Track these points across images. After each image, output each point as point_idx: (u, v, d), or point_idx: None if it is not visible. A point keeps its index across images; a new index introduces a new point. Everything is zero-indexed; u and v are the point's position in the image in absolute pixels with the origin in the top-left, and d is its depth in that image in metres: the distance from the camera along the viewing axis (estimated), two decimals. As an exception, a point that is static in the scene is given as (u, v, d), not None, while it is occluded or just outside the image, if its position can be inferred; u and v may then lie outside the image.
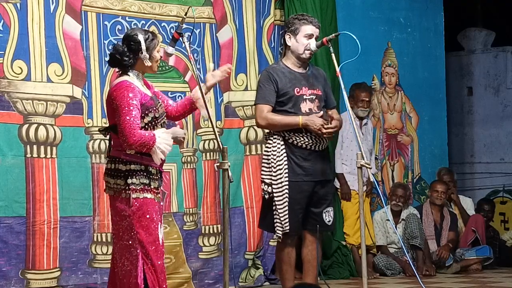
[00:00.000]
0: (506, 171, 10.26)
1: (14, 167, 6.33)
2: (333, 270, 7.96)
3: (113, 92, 4.78)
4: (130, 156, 4.78)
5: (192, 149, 7.21)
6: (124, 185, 4.77)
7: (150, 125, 4.83)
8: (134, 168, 4.78)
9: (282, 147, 5.65)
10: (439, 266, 8.39)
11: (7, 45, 6.34)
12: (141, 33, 4.87)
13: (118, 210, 4.82)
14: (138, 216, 4.76)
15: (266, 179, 5.68)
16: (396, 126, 9.12)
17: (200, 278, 7.14)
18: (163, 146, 4.78)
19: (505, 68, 10.39)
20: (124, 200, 4.78)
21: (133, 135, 4.68)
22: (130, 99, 4.72)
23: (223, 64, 7.35)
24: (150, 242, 4.78)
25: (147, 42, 4.83)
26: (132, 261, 4.78)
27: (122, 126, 4.70)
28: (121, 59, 4.82)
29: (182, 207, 7.11)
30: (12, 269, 6.29)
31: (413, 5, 9.31)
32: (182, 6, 7.10)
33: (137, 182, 4.77)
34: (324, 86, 5.85)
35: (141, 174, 4.79)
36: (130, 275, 4.78)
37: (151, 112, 4.83)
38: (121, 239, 4.83)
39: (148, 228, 4.78)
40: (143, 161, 4.80)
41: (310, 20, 5.80)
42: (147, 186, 4.79)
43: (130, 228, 4.77)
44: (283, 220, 5.59)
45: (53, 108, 6.53)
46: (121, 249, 4.84)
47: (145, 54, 4.82)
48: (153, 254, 4.79)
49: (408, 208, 8.55)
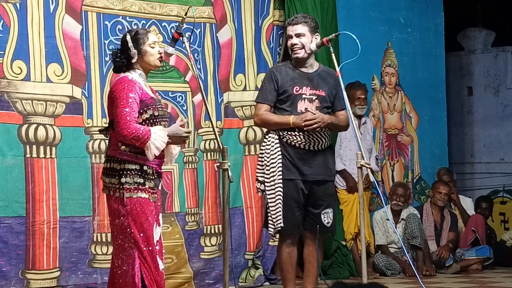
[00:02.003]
0: (506, 171, 10.26)
1: (14, 167, 6.32)
2: (333, 270, 7.96)
3: (113, 86, 4.87)
4: (125, 155, 4.79)
5: (193, 149, 7.21)
6: (118, 184, 4.79)
7: (148, 122, 4.84)
8: (129, 167, 4.79)
9: (276, 146, 5.65)
10: (439, 266, 8.38)
11: (7, 45, 6.34)
12: (129, 32, 4.98)
13: (112, 209, 4.86)
14: (133, 215, 4.78)
15: (259, 177, 5.69)
16: (396, 126, 9.12)
17: (201, 278, 7.14)
18: (159, 143, 4.78)
19: (505, 68, 10.39)
20: (118, 199, 4.81)
21: (128, 127, 4.71)
22: (130, 92, 4.78)
23: (223, 65, 7.42)
24: (144, 242, 4.79)
25: (133, 39, 4.91)
26: (127, 260, 4.79)
27: (118, 117, 4.75)
28: (114, 61, 4.94)
29: (184, 207, 7.11)
30: (12, 269, 6.29)
31: (413, 5, 9.30)
32: (183, 6, 7.09)
33: (130, 181, 4.78)
34: (332, 88, 5.80)
35: (136, 173, 4.79)
36: (127, 275, 4.79)
37: (150, 110, 4.85)
38: (116, 238, 4.86)
39: (143, 228, 4.79)
40: (138, 160, 4.80)
41: (289, 21, 5.83)
42: (141, 186, 4.81)
43: (125, 228, 4.79)
44: (274, 217, 5.58)
45: (53, 108, 6.53)
46: (117, 249, 4.87)
47: (133, 51, 4.90)
48: (148, 254, 4.80)
49: (408, 207, 8.55)
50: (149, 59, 4.94)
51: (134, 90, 4.79)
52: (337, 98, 5.82)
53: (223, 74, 7.43)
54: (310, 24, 5.75)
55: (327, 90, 5.76)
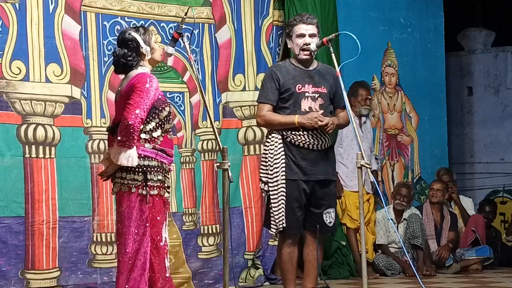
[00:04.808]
0: (506, 171, 10.26)
1: (13, 167, 6.33)
2: (333, 270, 7.96)
3: (136, 80, 4.76)
4: (148, 151, 4.76)
5: (191, 149, 7.21)
6: (143, 180, 4.74)
7: (165, 120, 4.81)
8: (152, 164, 4.76)
9: (280, 146, 5.64)
10: (439, 266, 8.38)
11: (6, 45, 6.35)
12: (132, 30, 4.93)
13: (130, 206, 4.74)
14: (153, 213, 4.76)
15: (263, 177, 5.68)
16: (396, 126, 9.11)
17: (200, 278, 7.14)
18: (131, 159, 4.71)
19: (505, 68, 10.39)
20: (141, 196, 4.74)
21: (136, 118, 4.64)
22: (151, 91, 4.72)
23: (221, 65, 7.42)
24: (158, 237, 4.78)
25: (142, 36, 4.89)
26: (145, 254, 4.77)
27: (135, 103, 4.66)
28: (126, 61, 4.85)
29: (181, 207, 7.11)
30: (11, 269, 6.30)
31: (413, 5, 9.30)
32: (181, 6, 7.10)
33: (155, 179, 4.76)
34: (332, 85, 5.80)
35: (157, 170, 4.78)
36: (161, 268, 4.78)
37: (167, 106, 4.84)
38: (136, 234, 4.77)
39: (158, 225, 4.79)
40: (158, 157, 4.79)
41: (300, 19, 5.77)
42: (161, 183, 4.80)
43: (143, 223, 4.75)
44: (277, 218, 5.58)
45: (52, 108, 6.53)
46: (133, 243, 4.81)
47: (145, 47, 4.87)
48: (160, 248, 4.80)
49: (410, 208, 8.54)
50: (156, 54, 4.95)
51: (155, 89, 4.74)
52: (336, 95, 5.82)
53: (222, 75, 7.43)
54: (318, 26, 5.79)
55: (328, 87, 5.76)
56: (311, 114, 5.61)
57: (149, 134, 4.79)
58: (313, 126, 5.58)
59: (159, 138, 4.82)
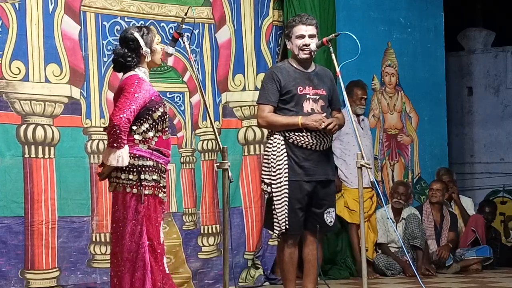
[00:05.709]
0: (506, 171, 10.26)
1: (12, 167, 6.33)
2: (333, 270, 7.95)
3: (124, 83, 4.78)
4: (142, 151, 4.76)
5: (191, 149, 7.21)
6: (137, 180, 4.74)
7: (160, 120, 4.81)
8: (147, 163, 4.77)
9: (282, 147, 5.63)
10: (439, 266, 8.38)
11: (6, 46, 6.35)
12: (135, 30, 4.91)
13: (125, 206, 4.75)
14: (148, 213, 4.75)
15: (265, 179, 5.67)
16: (396, 126, 9.11)
17: (200, 278, 7.14)
18: (121, 159, 4.71)
19: (505, 68, 10.39)
20: (136, 196, 4.74)
21: (121, 119, 4.64)
22: (139, 92, 4.71)
23: (221, 65, 7.41)
24: (155, 238, 4.77)
25: (144, 37, 4.87)
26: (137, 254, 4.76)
27: (121, 105, 4.67)
28: (125, 61, 4.84)
29: (181, 207, 7.11)
30: (11, 269, 6.30)
31: (413, 5, 9.30)
32: (181, 6, 7.10)
33: (149, 179, 4.76)
34: (330, 87, 5.81)
35: (152, 170, 4.78)
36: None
37: (161, 107, 4.83)
38: (132, 235, 4.77)
39: (155, 225, 4.78)
40: (153, 157, 4.79)
41: (299, 20, 5.75)
42: (156, 183, 4.80)
43: (139, 223, 4.74)
44: (280, 219, 5.58)
45: (51, 109, 6.53)
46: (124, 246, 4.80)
47: (145, 49, 4.86)
48: (159, 248, 4.78)
49: (409, 207, 8.54)
50: (156, 57, 4.94)
51: (143, 90, 4.73)
52: (334, 97, 5.84)
53: (222, 75, 7.43)
54: (317, 26, 5.79)
55: (327, 89, 5.78)
56: (315, 115, 5.61)
57: (143, 135, 4.79)
58: (317, 128, 5.58)
59: (153, 138, 4.82)
